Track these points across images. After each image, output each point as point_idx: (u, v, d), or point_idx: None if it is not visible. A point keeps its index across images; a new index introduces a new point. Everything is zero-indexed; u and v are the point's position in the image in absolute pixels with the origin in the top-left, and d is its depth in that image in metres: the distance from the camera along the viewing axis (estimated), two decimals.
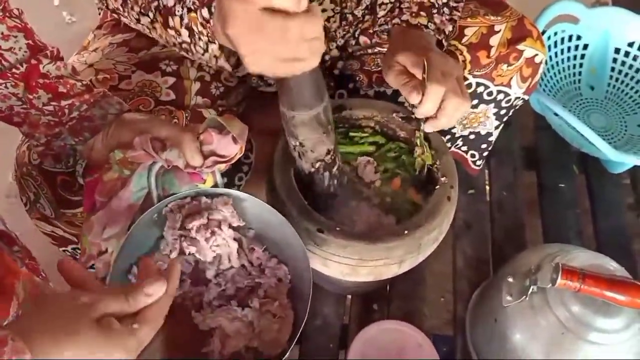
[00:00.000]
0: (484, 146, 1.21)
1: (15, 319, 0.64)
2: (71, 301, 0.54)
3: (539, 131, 1.51)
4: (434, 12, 0.94)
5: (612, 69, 1.54)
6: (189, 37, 0.75)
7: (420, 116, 0.86)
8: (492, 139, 1.20)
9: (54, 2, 2.05)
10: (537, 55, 1.04)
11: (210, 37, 0.72)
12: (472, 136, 1.17)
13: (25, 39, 0.78)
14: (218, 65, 0.76)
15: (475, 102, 1.08)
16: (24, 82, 0.77)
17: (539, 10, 1.41)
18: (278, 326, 0.80)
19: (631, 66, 1.52)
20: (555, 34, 1.50)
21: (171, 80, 0.96)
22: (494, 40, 1.01)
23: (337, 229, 0.84)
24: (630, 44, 1.50)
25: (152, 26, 0.80)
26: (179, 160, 0.76)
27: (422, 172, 0.95)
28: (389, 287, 1.19)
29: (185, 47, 0.78)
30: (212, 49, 0.73)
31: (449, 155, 0.94)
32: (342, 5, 1.00)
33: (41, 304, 0.55)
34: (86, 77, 0.90)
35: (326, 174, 0.87)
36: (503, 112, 1.12)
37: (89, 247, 0.78)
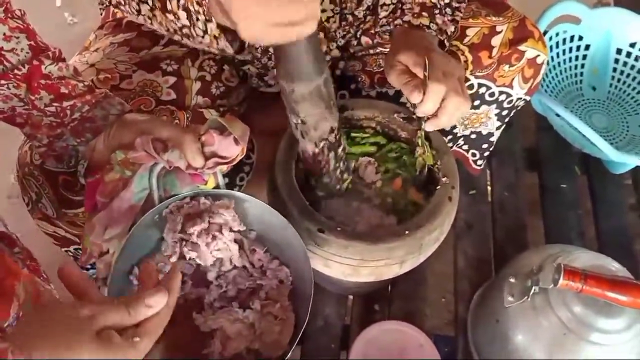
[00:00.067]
0: (485, 146, 1.21)
1: (15, 330, 0.63)
2: (72, 314, 0.53)
3: (540, 132, 1.51)
4: (435, 12, 0.94)
5: (614, 69, 1.54)
6: (187, 19, 0.73)
7: (421, 115, 0.86)
8: (493, 139, 1.20)
9: (56, 3, 2.05)
10: (538, 56, 1.04)
11: (207, 16, 0.71)
12: (473, 135, 1.17)
13: (28, 40, 0.78)
14: (219, 48, 0.75)
15: (477, 103, 1.08)
16: (26, 83, 0.77)
17: (541, 11, 1.42)
18: (279, 328, 0.80)
19: (633, 67, 1.52)
20: (557, 34, 1.49)
21: (172, 79, 0.96)
22: (496, 41, 1.01)
23: (338, 229, 0.84)
24: (632, 45, 1.50)
25: (153, 14, 0.79)
26: (180, 161, 0.76)
27: (423, 173, 0.95)
28: (390, 287, 1.19)
29: (186, 32, 0.77)
30: (210, 29, 0.72)
31: (451, 155, 0.94)
32: (342, 6, 1.00)
33: (42, 316, 0.54)
34: (87, 76, 0.90)
35: (331, 154, 0.85)
36: (505, 112, 1.12)
37: (91, 248, 0.78)
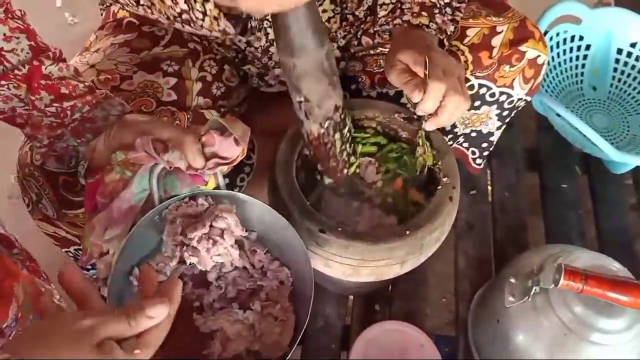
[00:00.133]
0: (484, 145, 1.21)
1: (15, 341, 0.63)
2: (72, 325, 0.52)
3: (541, 132, 1.50)
4: (435, 12, 0.94)
5: (615, 69, 1.54)
6: (185, 3, 0.73)
7: (421, 113, 0.86)
8: (494, 138, 1.20)
9: (57, 3, 2.05)
10: (539, 56, 1.04)
11: None
12: (473, 134, 1.17)
13: (28, 41, 0.78)
14: (221, 30, 0.74)
15: (477, 104, 1.08)
16: (26, 83, 0.77)
17: (541, 11, 1.41)
18: (279, 329, 0.80)
19: (634, 67, 1.51)
20: (558, 34, 1.49)
21: (173, 80, 0.96)
22: (496, 41, 1.01)
23: (339, 229, 0.84)
24: (633, 45, 1.50)
25: (151, 2, 0.78)
26: (180, 162, 0.76)
27: (424, 172, 0.95)
28: (390, 287, 1.19)
29: (185, 17, 0.76)
30: (209, 10, 0.71)
31: (452, 155, 0.94)
32: (343, 6, 1.00)
33: (42, 327, 0.54)
34: (88, 77, 0.90)
35: (337, 135, 0.84)
36: (505, 113, 1.12)
37: (91, 248, 0.78)
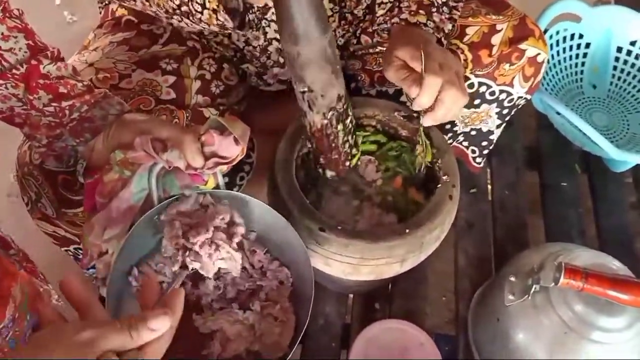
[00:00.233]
0: (484, 143, 1.21)
1: (15, 353, 0.63)
2: (73, 336, 0.52)
3: (541, 130, 1.50)
4: (433, 10, 0.93)
5: (615, 67, 1.54)
6: None
7: (418, 108, 0.85)
8: (493, 137, 1.20)
9: (55, 1, 2.05)
10: (539, 54, 1.04)
11: None
12: (473, 132, 1.17)
13: (26, 40, 0.78)
14: (219, 23, 0.73)
15: (477, 102, 1.08)
16: (25, 82, 0.77)
17: (541, 9, 1.41)
18: (279, 330, 0.80)
19: (633, 65, 1.51)
20: (557, 32, 1.49)
21: (171, 79, 0.96)
22: (496, 39, 1.01)
23: (339, 227, 0.84)
24: (633, 43, 1.49)
25: None
26: (179, 161, 0.76)
27: (423, 171, 0.95)
28: (390, 286, 1.18)
29: (184, 9, 0.75)
30: (208, 2, 0.71)
31: (451, 154, 0.93)
32: (341, 5, 1.00)
33: (43, 339, 0.53)
34: (86, 76, 0.90)
35: (340, 126, 0.84)
36: (505, 111, 1.12)
37: (90, 249, 0.78)
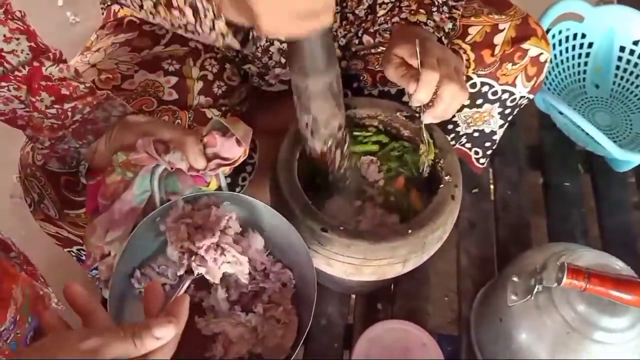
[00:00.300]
0: (487, 144, 1.21)
1: (16, 354, 0.63)
2: (77, 344, 0.52)
3: (543, 130, 1.50)
4: (433, 10, 0.93)
5: (617, 67, 1.53)
6: (193, 16, 0.73)
7: (416, 104, 0.84)
8: (496, 137, 1.19)
9: (58, 2, 2.05)
10: (542, 54, 1.04)
11: (216, 13, 0.70)
12: (476, 134, 1.17)
13: (28, 42, 0.78)
14: (225, 44, 0.74)
15: (480, 102, 1.07)
16: (27, 84, 0.77)
17: (544, 8, 1.41)
18: (282, 332, 0.80)
19: (636, 64, 1.50)
20: (560, 32, 1.49)
21: (174, 79, 0.96)
22: (498, 39, 1.01)
23: (341, 228, 0.84)
24: (636, 42, 1.49)
25: (156, 10, 0.78)
26: (182, 163, 0.76)
27: (427, 170, 0.95)
28: (393, 286, 1.18)
29: (190, 28, 0.75)
30: (218, 27, 0.71)
31: (454, 154, 0.93)
32: (343, 5, 1.00)
33: (46, 347, 0.53)
34: (89, 77, 0.90)
35: (338, 152, 0.86)
36: (508, 111, 1.11)
37: (92, 251, 0.78)
